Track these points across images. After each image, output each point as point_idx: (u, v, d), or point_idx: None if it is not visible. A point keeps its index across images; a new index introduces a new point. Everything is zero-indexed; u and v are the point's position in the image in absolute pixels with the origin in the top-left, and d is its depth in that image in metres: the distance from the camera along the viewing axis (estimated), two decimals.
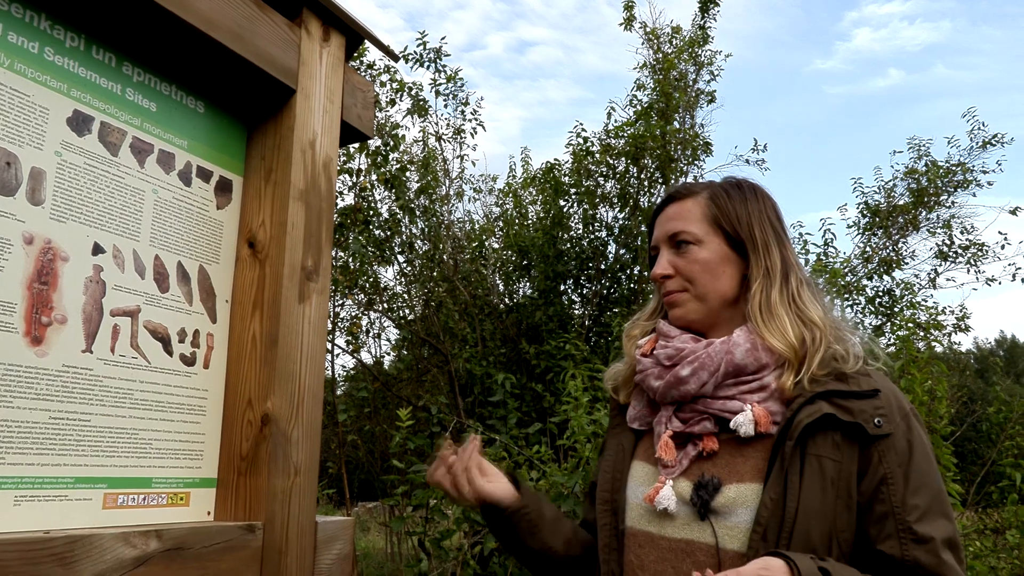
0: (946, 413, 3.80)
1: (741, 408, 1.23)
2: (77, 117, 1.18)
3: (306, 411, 1.41)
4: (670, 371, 1.28)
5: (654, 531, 1.25)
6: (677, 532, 1.23)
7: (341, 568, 1.46)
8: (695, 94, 7.48)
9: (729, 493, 1.19)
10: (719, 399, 1.25)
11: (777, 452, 1.18)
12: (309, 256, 1.45)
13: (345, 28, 1.59)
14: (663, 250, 1.37)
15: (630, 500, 1.31)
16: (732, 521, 1.18)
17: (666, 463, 1.26)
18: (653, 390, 1.30)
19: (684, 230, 1.34)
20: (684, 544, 1.21)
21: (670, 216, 1.38)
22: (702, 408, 1.26)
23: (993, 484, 5.45)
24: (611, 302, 7.34)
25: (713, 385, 1.25)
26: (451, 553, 3.60)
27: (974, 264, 8.30)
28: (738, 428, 1.22)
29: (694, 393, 1.26)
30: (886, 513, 1.15)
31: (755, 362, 1.25)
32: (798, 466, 1.16)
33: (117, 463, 1.19)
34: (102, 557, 1.05)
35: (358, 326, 6.90)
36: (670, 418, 1.29)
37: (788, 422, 1.19)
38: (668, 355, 1.29)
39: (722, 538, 1.18)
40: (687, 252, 1.34)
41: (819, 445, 1.17)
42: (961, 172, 8.10)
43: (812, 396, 1.20)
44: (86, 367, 1.16)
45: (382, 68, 6.58)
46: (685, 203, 1.38)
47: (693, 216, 1.35)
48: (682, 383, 1.26)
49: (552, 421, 4.48)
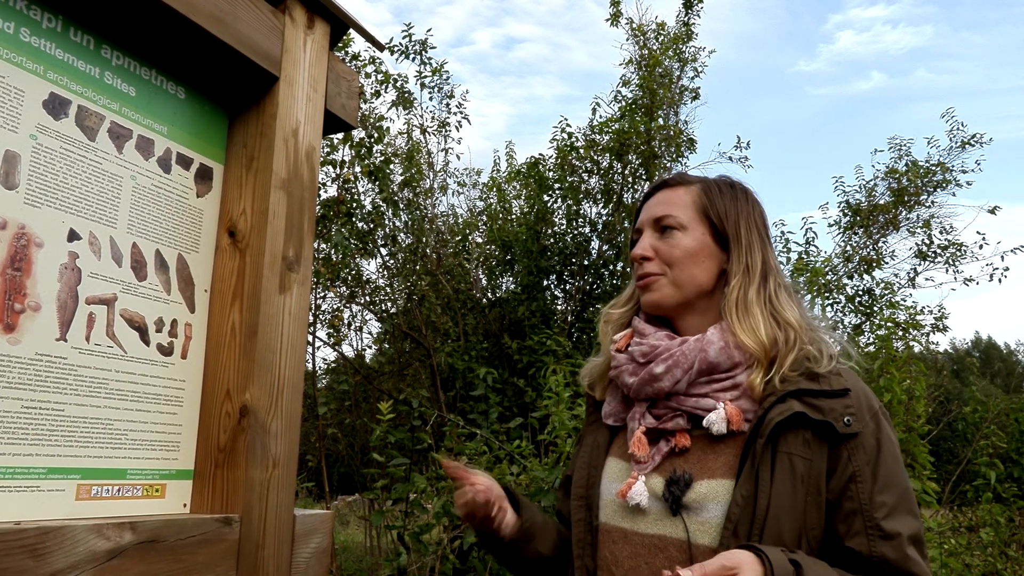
0: (924, 412, 3.84)
1: (714, 406, 1.24)
2: (54, 100, 1.15)
3: (285, 403, 1.39)
4: (644, 368, 1.29)
5: (627, 527, 1.26)
6: (650, 528, 1.24)
7: (319, 562, 1.45)
8: (679, 91, 7.49)
9: (700, 489, 1.21)
10: (692, 396, 1.26)
11: (748, 449, 1.19)
12: (290, 246, 1.43)
13: (330, 16, 1.56)
14: (646, 232, 1.38)
15: (604, 496, 1.32)
16: (703, 517, 1.19)
17: (639, 459, 1.27)
18: (627, 386, 1.31)
19: (670, 215, 1.35)
20: (657, 539, 1.22)
21: (659, 200, 1.39)
22: (675, 405, 1.27)
23: (968, 483, 5.52)
24: (594, 298, 7.34)
25: (687, 383, 1.26)
26: (431, 547, 3.59)
27: (952, 264, 8.38)
28: (710, 426, 1.23)
29: (667, 390, 1.26)
30: (854, 510, 1.17)
31: (728, 360, 1.25)
32: (769, 463, 1.17)
33: (91, 454, 1.17)
34: (75, 549, 1.03)
35: (340, 319, 6.87)
36: (643, 414, 1.29)
37: (759, 420, 1.20)
38: (643, 352, 1.30)
39: (694, 533, 1.19)
40: (670, 237, 1.34)
41: (790, 443, 1.18)
42: (941, 172, 8.18)
43: (783, 395, 1.21)
44: (60, 356, 1.13)
45: (367, 59, 6.53)
46: (677, 190, 1.39)
47: (682, 203, 1.36)
48: (656, 380, 1.26)
49: (533, 416, 4.48)
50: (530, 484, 3.49)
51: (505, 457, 4.06)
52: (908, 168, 8.22)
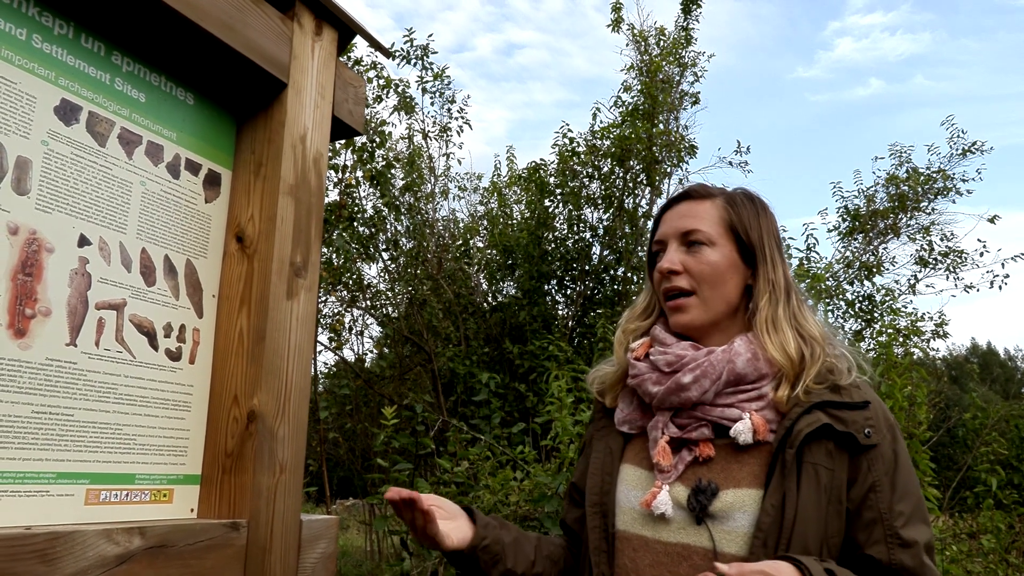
0: (925, 419, 3.84)
1: (740, 416, 1.25)
2: (65, 106, 1.16)
3: (292, 408, 1.39)
4: (670, 377, 1.28)
5: (648, 535, 1.25)
6: (672, 536, 1.23)
7: (325, 567, 1.45)
8: (679, 95, 7.50)
9: (726, 498, 1.21)
10: (718, 406, 1.27)
11: (777, 459, 1.20)
12: (298, 252, 1.43)
13: (338, 23, 1.57)
14: (672, 246, 1.35)
15: (621, 503, 1.31)
16: (729, 526, 1.20)
17: (663, 468, 1.26)
18: (650, 395, 1.30)
19: (699, 229, 1.34)
20: (680, 548, 1.22)
21: (684, 213, 1.37)
22: (700, 415, 1.27)
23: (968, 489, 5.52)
24: (595, 303, 7.35)
25: (714, 393, 1.26)
26: (434, 552, 3.59)
27: (953, 271, 8.39)
28: (737, 436, 1.23)
29: (695, 400, 1.27)
30: (874, 519, 1.20)
31: (755, 372, 1.27)
32: (796, 474, 1.19)
33: (100, 459, 1.17)
34: (84, 554, 1.03)
35: (341, 323, 6.87)
36: (667, 423, 1.29)
37: (788, 431, 1.21)
38: (668, 361, 1.30)
39: (720, 542, 1.19)
40: (699, 252, 1.33)
41: (814, 453, 1.20)
42: (941, 179, 8.19)
43: (809, 406, 1.23)
44: (70, 361, 1.14)
45: (369, 64, 6.55)
46: (702, 204, 1.37)
47: (708, 217, 1.35)
48: (683, 390, 1.26)
49: (536, 421, 4.48)
50: (533, 489, 3.49)
51: (508, 462, 4.06)
52: (909, 175, 8.23)
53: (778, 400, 1.25)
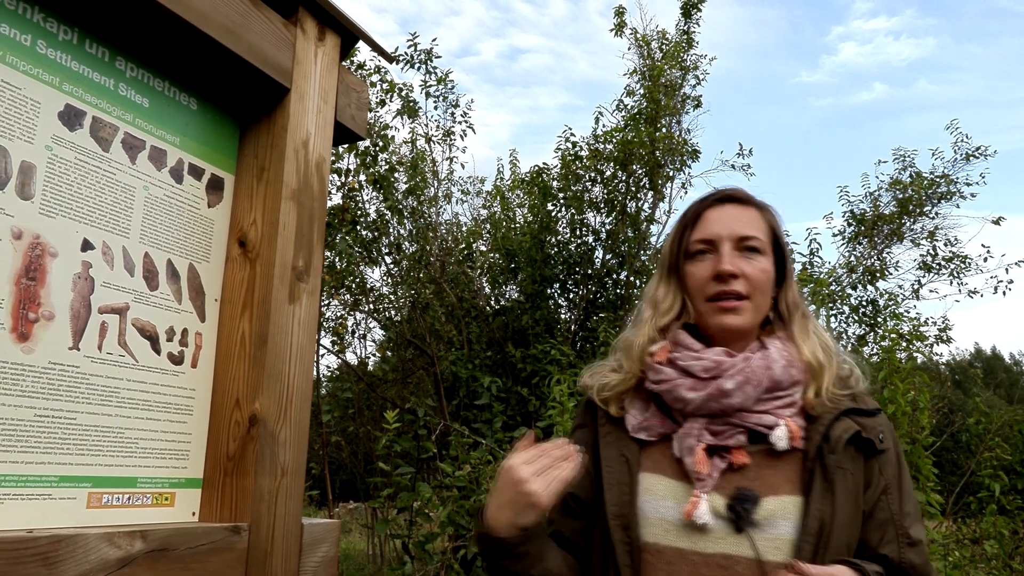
0: (928, 424, 3.83)
1: (774, 422, 1.26)
2: (69, 111, 1.17)
3: (294, 412, 1.40)
4: (709, 383, 1.26)
5: (684, 547, 1.22)
6: (711, 547, 1.20)
7: (326, 571, 1.45)
8: (681, 99, 7.50)
9: (768, 505, 1.21)
10: (755, 413, 1.27)
11: (816, 465, 1.23)
12: (300, 256, 1.44)
13: (340, 28, 1.58)
14: (727, 248, 1.32)
15: (648, 514, 1.26)
16: (771, 533, 1.20)
17: (702, 476, 1.23)
18: (685, 401, 1.27)
19: (756, 236, 1.33)
20: (721, 559, 1.19)
21: (737, 217, 1.34)
22: (738, 421, 1.26)
23: (971, 495, 5.50)
24: (597, 307, 7.34)
25: (754, 399, 1.26)
26: (435, 557, 3.59)
27: (957, 276, 8.38)
28: (776, 442, 1.25)
29: (738, 407, 1.25)
30: (886, 520, 1.24)
31: (789, 378, 1.29)
32: (833, 479, 1.23)
33: (102, 462, 1.18)
34: (86, 557, 1.03)
35: (344, 326, 6.88)
36: (702, 431, 1.26)
37: (824, 437, 1.24)
38: (705, 367, 1.27)
39: (763, 550, 1.19)
40: (755, 259, 1.32)
41: (842, 458, 1.24)
42: (945, 184, 8.18)
43: (838, 413, 1.27)
44: (73, 364, 1.14)
45: (373, 69, 6.56)
46: (750, 210, 1.37)
47: (758, 225, 1.35)
48: (725, 396, 1.25)
49: (538, 425, 4.48)
50: None
51: None
52: (912, 179, 8.23)
53: (810, 405, 1.28)
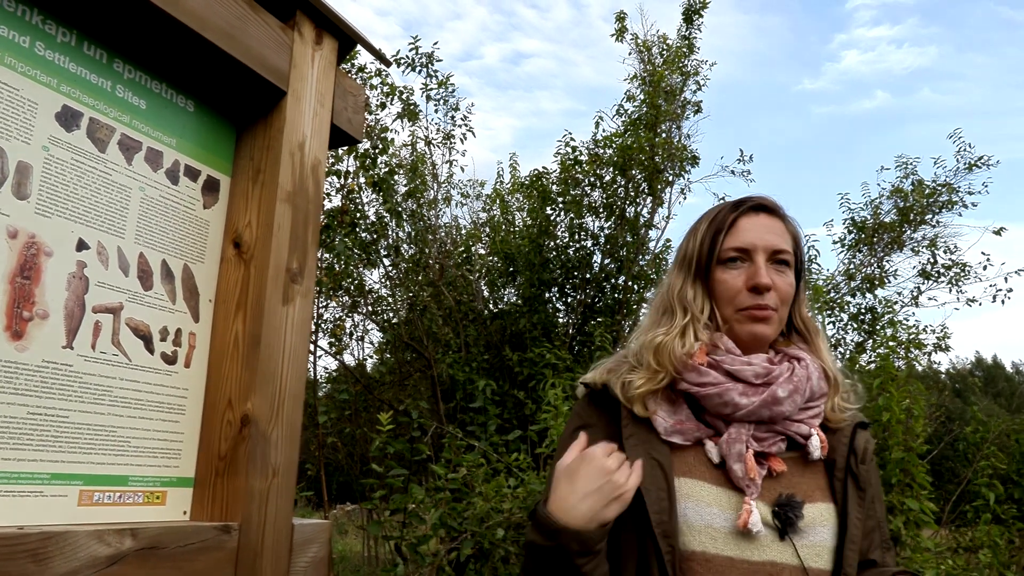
0: (922, 432, 3.84)
1: (809, 432, 1.29)
2: (66, 112, 1.18)
3: (286, 413, 1.41)
4: (761, 389, 1.26)
5: (734, 555, 1.19)
6: (759, 554, 1.20)
7: (316, 571, 1.46)
8: (682, 104, 7.52)
9: (809, 512, 1.22)
10: (795, 421, 1.28)
11: (847, 475, 1.27)
12: (294, 258, 1.45)
13: (338, 32, 1.59)
14: (762, 260, 1.31)
15: (693, 522, 1.22)
16: (812, 540, 1.22)
17: (752, 483, 1.22)
18: (736, 406, 1.25)
19: (787, 250, 1.34)
20: (769, 566, 1.19)
21: (771, 229, 1.34)
22: (781, 429, 1.27)
23: (968, 503, 5.50)
24: (595, 311, 7.35)
25: (799, 407, 1.28)
26: (427, 558, 3.60)
27: (956, 284, 8.39)
28: (812, 451, 1.28)
29: (786, 414, 1.26)
30: (874, 527, 1.29)
31: (820, 389, 1.32)
32: (864, 488, 1.28)
33: (94, 460, 1.19)
34: (76, 554, 1.04)
35: (342, 328, 6.89)
36: (751, 437, 1.26)
37: (850, 448, 1.29)
38: (756, 373, 1.27)
39: (805, 557, 1.20)
40: (784, 273, 1.33)
41: (869, 468, 1.31)
42: (947, 193, 8.19)
43: (856, 425, 1.33)
44: (66, 363, 1.15)
45: (373, 71, 6.58)
46: (778, 222, 1.37)
47: (787, 239, 1.36)
48: (777, 403, 1.25)
49: (532, 429, 4.49)
50: (527, 497, 3.49)
51: (503, 470, 4.07)
52: (914, 187, 8.24)
53: (828, 417, 1.33)
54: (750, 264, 1.30)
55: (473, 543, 3.47)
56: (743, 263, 1.31)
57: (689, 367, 1.28)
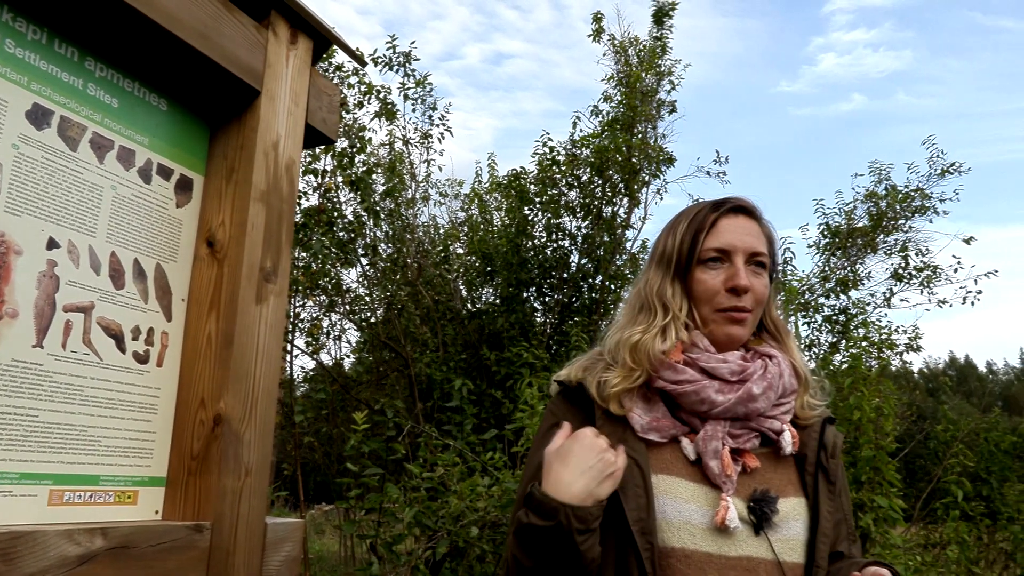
0: (892, 430, 3.90)
1: (781, 428, 1.32)
2: (36, 111, 1.17)
3: (259, 412, 1.41)
4: (738, 387, 1.28)
5: (712, 551, 1.21)
6: (735, 550, 1.21)
7: (289, 570, 1.46)
8: (657, 104, 7.57)
9: (782, 507, 1.25)
10: (768, 418, 1.31)
11: (818, 469, 1.30)
12: (268, 257, 1.45)
13: (313, 32, 1.59)
14: (741, 263, 1.33)
15: (672, 518, 1.23)
16: (786, 534, 1.25)
17: (728, 480, 1.24)
18: (713, 403, 1.27)
19: (764, 253, 1.36)
20: (745, 561, 1.21)
21: (750, 231, 1.36)
22: (755, 425, 1.30)
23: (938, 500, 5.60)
24: (573, 311, 7.38)
25: (772, 404, 1.31)
26: (403, 557, 3.60)
27: (927, 286, 8.51)
28: (785, 447, 1.31)
29: (760, 411, 1.29)
30: (840, 520, 1.32)
31: (791, 386, 1.35)
32: (835, 482, 1.31)
33: (64, 460, 1.18)
34: (45, 554, 1.04)
35: (319, 327, 6.86)
36: (726, 433, 1.27)
37: (820, 443, 1.32)
38: (732, 370, 1.29)
39: (780, 552, 1.22)
40: (761, 276, 1.36)
41: (838, 463, 1.34)
42: (920, 198, 8.31)
43: (824, 420, 1.36)
44: (36, 362, 1.15)
45: (350, 70, 6.56)
46: (756, 224, 1.39)
47: (764, 242, 1.38)
48: (753, 400, 1.27)
49: (508, 428, 4.50)
50: (502, 496, 3.50)
51: (479, 469, 4.08)
52: (887, 192, 8.35)
53: (802, 415, 1.36)
54: (729, 265, 1.33)
55: (448, 542, 3.47)
56: (722, 264, 1.34)
57: (666, 365, 1.30)
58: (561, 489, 1.17)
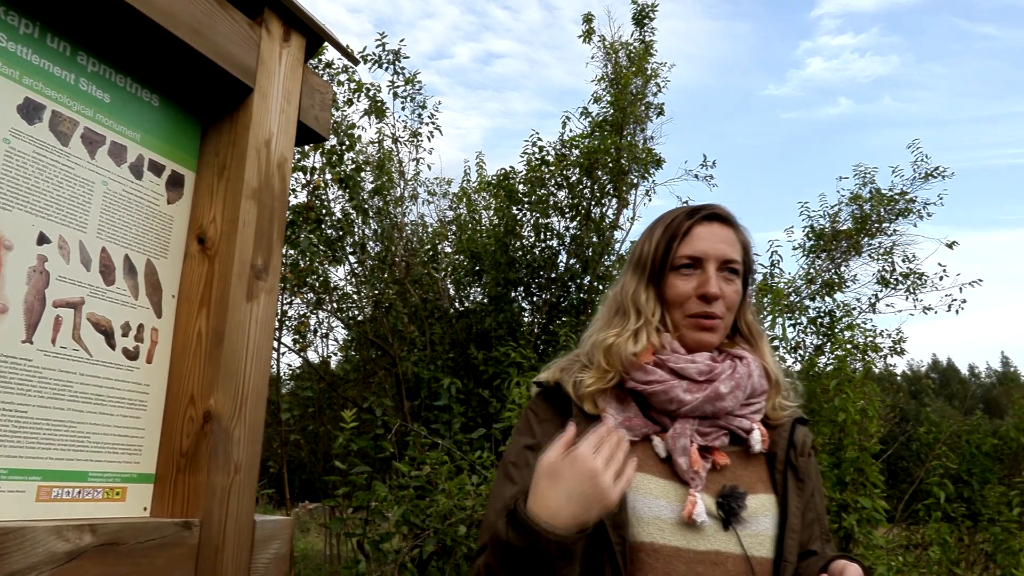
0: (876, 432, 3.94)
1: (751, 427, 1.35)
2: (28, 105, 1.17)
3: (249, 410, 1.41)
4: (705, 386, 1.31)
5: (681, 545, 1.24)
6: (702, 544, 1.24)
7: (277, 567, 1.46)
8: (645, 107, 7.59)
9: (751, 503, 1.28)
10: (737, 416, 1.34)
11: (787, 467, 1.33)
12: (259, 255, 1.45)
13: (306, 29, 1.59)
14: (713, 269, 1.36)
15: (642, 514, 1.26)
16: (754, 529, 1.27)
17: (696, 476, 1.27)
18: (680, 402, 1.30)
19: (737, 260, 1.39)
20: (713, 555, 1.24)
21: (723, 239, 1.39)
22: (724, 424, 1.33)
23: (920, 502, 5.65)
24: (560, 311, 7.40)
25: (740, 404, 1.34)
26: (390, 556, 3.60)
27: (912, 292, 8.57)
28: (754, 445, 1.33)
29: (728, 409, 1.32)
30: (814, 519, 1.35)
31: (761, 387, 1.37)
32: (803, 479, 1.34)
33: (53, 456, 1.18)
34: (34, 550, 1.04)
35: (306, 325, 6.84)
36: (695, 431, 1.31)
37: (790, 442, 1.35)
38: (700, 370, 1.32)
39: (748, 546, 1.25)
40: (733, 282, 1.39)
41: (808, 462, 1.37)
42: (904, 201, 8.38)
43: (795, 420, 1.39)
44: (25, 358, 1.14)
45: (340, 68, 6.54)
46: (730, 231, 1.42)
47: (738, 248, 1.41)
48: (720, 399, 1.31)
49: (496, 427, 4.50)
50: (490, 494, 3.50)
51: (467, 468, 4.08)
52: (872, 195, 8.41)
53: (773, 416, 1.38)
54: (701, 272, 1.37)
55: (436, 540, 3.47)
56: (695, 270, 1.37)
57: (637, 366, 1.34)
58: (545, 514, 1.11)
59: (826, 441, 3.93)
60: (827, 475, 3.70)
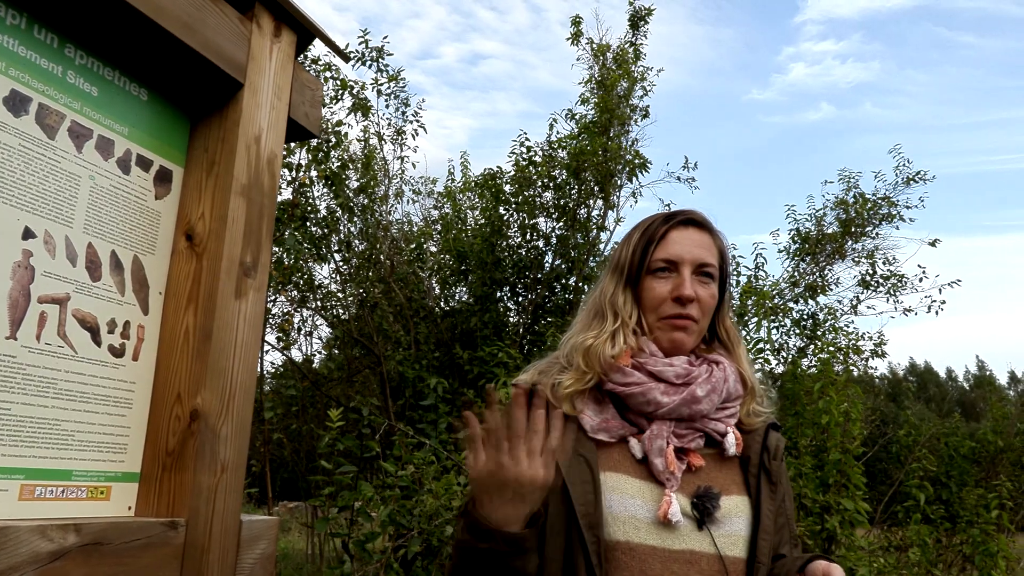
0: (859, 435, 3.97)
1: (725, 430, 1.37)
2: (14, 97, 1.15)
3: (236, 408, 1.39)
4: (682, 389, 1.34)
5: (656, 544, 1.26)
6: (677, 543, 1.27)
7: (263, 568, 1.45)
8: (630, 109, 7.61)
9: (725, 504, 1.31)
10: (713, 419, 1.37)
11: (760, 471, 1.35)
12: (248, 252, 1.43)
13: (297, 25, 1.58)
14: (688, 272, 1.39)
15: (618, 513, 1.28)
16: (728, 530, 1.30)
17: (672, 477, 1.30)
18: (657, 404, 1.33)
19: (712, 264, 1.42)
20: (688, 554, 1.26)
21: (699, 243, 1.42)
22: (700, 426, 1.35)
23: (900, 504, 5.70)
24: (546, 311, 7.40)
25: (715, 407, 1.36)
26: (375, 556, 3.58)
27: (893, 294, 8.65)
28: (729, 447, 1.36)
29: (704, 412, 1.34)
30: (784, 524, 1.37)
31: (736, 391, 1.40)
32: (776, 482, 1.36)
33: (36, 454, 1.16)
34: (17, 550, 1.02)
35: (290, 323, 6.80)
36: (671, 433, 1.33)
37: (763, 446, 1.37)
38: (677, 373, 1.35)
39: (722, 546, 1.28)
40: (708, 286, 1.41)
41: (780, 465, 1.39)
42: (887, 206, 8.45)
43: (769, 425, 1.41)
44: (9, 354, 1.12)
45: (325, 64, 6.51)
46: (706, 235, 1.45)
47: (714, 253, 1.44)
48: (696, 402, 1.33)
49: None
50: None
51: (453, 468, 4.07)
52: (856, 200, 8.48)
53: (747, 421, 1.41)
54: (676, 275, 1.40)
55: (421, 540, 3.46)
56: (671, 274, 1.40)
57: (615, 368, 1.36)
58: (496, 513, 1.17)
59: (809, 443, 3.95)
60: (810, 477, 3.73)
